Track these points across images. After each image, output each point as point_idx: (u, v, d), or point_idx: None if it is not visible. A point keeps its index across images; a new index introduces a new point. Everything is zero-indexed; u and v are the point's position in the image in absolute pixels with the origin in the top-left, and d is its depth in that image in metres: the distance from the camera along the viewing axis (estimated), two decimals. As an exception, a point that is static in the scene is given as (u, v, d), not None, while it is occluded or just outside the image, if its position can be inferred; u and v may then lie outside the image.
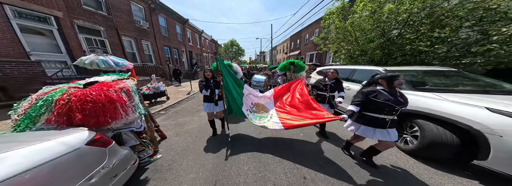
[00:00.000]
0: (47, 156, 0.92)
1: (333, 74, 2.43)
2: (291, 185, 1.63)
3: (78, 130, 1.21)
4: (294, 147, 2.40)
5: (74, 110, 1.28)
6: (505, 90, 2.10)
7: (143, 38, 9.09)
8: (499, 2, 2.77)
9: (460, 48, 3.30)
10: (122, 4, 7.68)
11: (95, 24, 6.24)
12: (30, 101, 1.39)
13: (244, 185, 1.65)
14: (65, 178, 0.97)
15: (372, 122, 1.63)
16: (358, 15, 4.42)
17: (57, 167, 0.94)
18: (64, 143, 1.03)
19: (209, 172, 1.85)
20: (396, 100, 1.50)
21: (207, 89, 2.45)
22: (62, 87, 1.54)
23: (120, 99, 1.51)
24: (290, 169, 1.87)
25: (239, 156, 2.16)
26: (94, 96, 1.36)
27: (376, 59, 4.44)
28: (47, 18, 4.66)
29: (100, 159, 1.21)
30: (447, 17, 3.34)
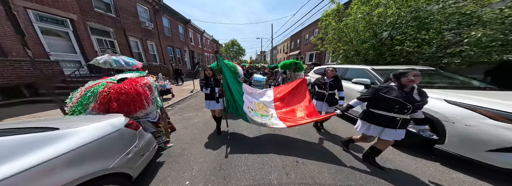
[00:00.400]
0: (102, 132, 1.28)
1: (332, 72, 2.46)
2: (285, 166, 1.96)
3: (118, 115, 1.57)
4: (290, 140, 2.68)
5: (112, 100, 1.64)
6: (473, 86, 2.43)
7: (148, 39, 9.47)
8: (471, 8, 3.09)
9: (442, 49, 3.62)
10: (129, 6, 8.06)
11: (105, 25, 6.63)
12: (80, 92, 1.74)
13: (245, 166, 1.98)
14: (114, 150, 1.32)
15: (381, 121, 1.57)
16: (352, 17, 4.74)
17: (109, 141, 1.30)
18: (111, 124, 1.39)
19: (215, 157, 2.19)
20: (409, 97, 1.42)
21: (207, 87, 2.53)
22: (102, 82, 1.89)
23: (144, 92, 1.86)
24: (285, 155, 2.18)
25: (240, 147, 2.48)
26: (126, 89, 1.72)
27: (369, 59, 4.76)
28: (64, 21, 5.05)
29: (133, 139, 1.56)
30: (430, 21, 3.66)
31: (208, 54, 21.34)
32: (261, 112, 2.56)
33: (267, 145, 2.49)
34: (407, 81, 1.40)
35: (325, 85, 2.53)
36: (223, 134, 2.92)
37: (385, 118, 1.53)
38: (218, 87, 2.57)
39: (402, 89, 1.45)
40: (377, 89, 1.57)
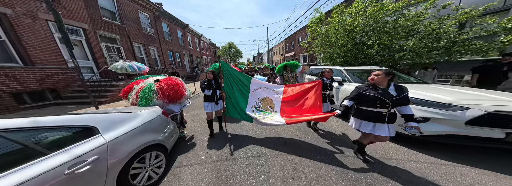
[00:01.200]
0: (152, 115, 1.89)
1: (329, 73, 2.60)
2: (276, 147, 2.56)
3: (156, 107, 2.20)
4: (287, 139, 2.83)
5: (168, 91, 2.35)
6: (410, 81, 3.22)
7: (150, 44, 10.03)
8: (406, 23, 4.11)
9: (394, 54, 4.52)
10: (132, 13, 8.63)
11: (112, 33, 7.19)
12: (136, 92, 2.38)
13: (246, 148, 2.60)
14: (158, 128, 1.93)
15: (369, 116, 1.69)
16: (333, 24, 5.52)
17: (156, 121, 1.91)
18: (154, 111, 2.01)
19: (222, 143, 2.76)
20: (385, 93, 1.56)
21: (209, 89, 2.64)
22: (146, 81, 2.54)
23: (181, 83, 2.63)
24: (280, 143, 2.68)
25: (242, 135, 3.11)
26: (172, 82, 2.43)
27: (348, 60, 5.51)
28: (78, 30, 5.60)
29: (166, 123, 2.17)
30: (384, 31, 4.56)
31: (206, 57, 21.92)
32: (265, 109, 2.61)
33: (266, 139, 2.83)
34: (370, 79, 1.67)
35: (326, 86, 2.62)
36: (223, 133, 3.08)
37: (372, 113, 1.66)
38: (219, 90, 2.69)
39: (375, 87, 1.62)
40: (359, 88, 1.75)
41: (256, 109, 2.63)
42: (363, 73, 3.68)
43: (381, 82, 1.60)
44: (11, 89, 3.76)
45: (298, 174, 1.84)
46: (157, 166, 1.80)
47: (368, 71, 3.78)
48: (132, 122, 1.61)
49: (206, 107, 2.74)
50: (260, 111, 2.60)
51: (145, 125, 1.72)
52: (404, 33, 4.36)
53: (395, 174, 1.77)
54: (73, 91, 4.92)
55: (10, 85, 3.75)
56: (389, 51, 4.63)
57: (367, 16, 4.77)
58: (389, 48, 4.62)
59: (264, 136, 2.92)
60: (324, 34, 5.87)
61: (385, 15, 4.63)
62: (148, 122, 1.78)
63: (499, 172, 1.74)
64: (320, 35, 5.99)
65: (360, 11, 4.85)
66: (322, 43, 6.13)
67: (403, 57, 4.21)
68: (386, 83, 1.60)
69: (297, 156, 2.21)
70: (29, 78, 4.06)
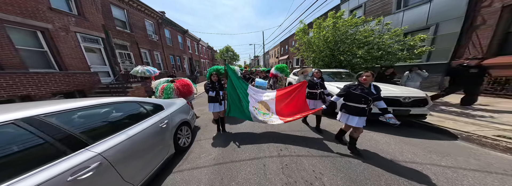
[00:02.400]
0: (182, 103, 2.87)
1: (318, 74, 2.87)
2: (269, 137, 3.56)
3: (181, 98, 3.16)
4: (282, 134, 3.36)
5: (181, 89, 3.27)
6: (342, 78, 4.38)
7: (154, 49, 10.96)
8: (359, 36, 5.47)
9: (353, 59, 5.85)
10: (139, 22, 9.59)
11: (123, 40, 8.11)
12: (159, 90, 3.33)
13: (246, 133, 3.57)
14: (186, 111, 2.89)
15: (355, 111, 1.94)
16: (313, 35, 6.71)
17: (184, 107, 2.87)
18: (182, 100, 2.98)
19: (229, 128, 3.73)
20: (369, 92, 1.86)
21: (213, 90, 2.82)
22: (167, 83, 3.49)
23: (190, 84, 3.54)
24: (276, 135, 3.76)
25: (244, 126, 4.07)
26: (184, 82, 3.37)
27: (326, 64, 6.63)
28: (97, 40, 6.51)
29: (189, 110, 3.13)
30: (348, 43, 5.85)
31: (204, 60, 22.86)
32: (263, 111, 2.92)
33: (263, 130, 3.41)
34: (362, 80, 1.89)
35: (316, 85, 2.89)
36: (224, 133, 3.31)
37: (357, 109, 1.93)
38: (222, 91, 2.91)
39: (362, 86, 1.90)
40: (348, 87, 2.00)
41: (256, 110, 2.89)
42: (331, 74, 4.81)
43: (368, 82, 1.89)
44: (52, 91, 4.63)
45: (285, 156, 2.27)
46: (187, 136, 2.75)
47: (335, 73, 4.96)
48: (175, 106, 2.58)
49: (210, 108, 2.92)
50: (260, 112, 2.87)
51: (180, 108, 2.69)
52: (361, 44, 5.68)
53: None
54: (96, 92, 5.78)
55: (52, 87, 4.62)
56: (352, 58, 5.89)
57: (336, 29, 5.98)
58: (354, 55, 5.79)
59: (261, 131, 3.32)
60: (307, 43, 7.01)
61: (348, 29, 5.89)
62: (181, 107, 2.74)
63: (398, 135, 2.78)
64: (305, 43, 7.13)
65: (330, 25, 6.13)
66: (307, 50, 7.26)
67: (357, 62, 5.80)
68: (369, 83, 1.91)
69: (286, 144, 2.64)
70: (65, 81, 4.93)
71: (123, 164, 1.34)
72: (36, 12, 4.53)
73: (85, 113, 1.41)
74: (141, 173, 1.53)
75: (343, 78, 4.71)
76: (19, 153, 0.95)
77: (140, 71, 5.35)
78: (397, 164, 2.00)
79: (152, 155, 1.75)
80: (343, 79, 4.64)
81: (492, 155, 2.16)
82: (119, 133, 1.47)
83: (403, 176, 1.76)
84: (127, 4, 8.51)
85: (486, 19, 5.06)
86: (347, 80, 4.53)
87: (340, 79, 4.63)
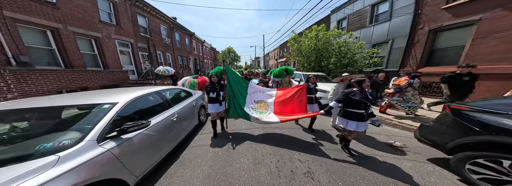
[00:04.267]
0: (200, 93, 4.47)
1: (313, 79, 2.96)
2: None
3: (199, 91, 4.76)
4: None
5: (201, 83, 4.86)
6: (331, 81, 5.89)
7: (167, 51, 12.57)
8: (334, 47, 6.89)
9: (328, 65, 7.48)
10: (156, 27, 11.21)
11: (144, 44, 9.71)
12: (186, 84, 4.92)
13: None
14: (202, 99, 4.47)
15: (355, 117, 2.03)
16: (302, 43, 8.39)
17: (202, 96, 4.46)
18: (200, 91, 4.57)
19: (231, 122, 5.26)
20: (367, 97, 1.99)
21: (214, 92, 2.85)
22: (192, 79, 5.06)
23: (206, 80, 5.09)
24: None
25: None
26: (203, 79, 4.95)
27: (312, 68, 8.24)
28: (127, 44, 8.12)
29: (204, 98, 4.69)
30: (328, 51, 7.48)
31: (207, 61, 24.47)
32: (261, 110, 2.98)
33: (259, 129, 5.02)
34: (366, 86, 2.00)
35: (312, 91, 3.02)
36: (225, 133, 3.39)
37: (357, 114, 2.01)
38: (222, 91, 2.96)
39: (362, 92, 2.01)
40: (347, 93, 2.07)
41: (253, 110, 2.96)
42: (317, 76, 6.42)
43: (366, 88, 1.99)
44: (99, 84, 6.21)
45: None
46: (204, 115, 4.31)
47: (316, 75, 6.52)
48: (197, 94, 4.18)
49: (211, 108, 2.96)
50: (256, 112, 2.93)
51: (200, 96, 4.29)
52: (336, 53, 7.35)
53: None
54: (126, 87, 7.36)
55: (100, 82, 6.21)
56: (327, 64, 7.55)
57: (318, 40, 7.67)
58: (329, 62, 7.45)
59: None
60: (297, 49, 8.69)
61: (328, 39, 7.57)
62: (200, 95, 4.35)
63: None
64: (295, 50, 8.81)
65: (313, 37, 7.85)
66: (297, 55, 8.93)
67: (331, 68, 7.45)
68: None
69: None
70: (107, 78, 6.52)
71: (182, 120, 2.87)
72: (92, 25, 6.15)
73: (165, 92, 2.98)
74: (187, 128, 3.03)
75: (321, 80, 6.26)
76: (157, 105, 2.51)
77: (162, 70, 6.94)
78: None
79: (190, 120, 3.25)
80: (321, 81, 6.16)
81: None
82: (179, 103, 3.04)
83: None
84: (148, 13, 10.15)
85: (420, 39, 6.63)
86: (323, 81, 6.03)
87: (319, 81, 6.19)
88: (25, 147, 1.27)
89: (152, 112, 2.31)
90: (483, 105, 1.78)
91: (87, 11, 5.90)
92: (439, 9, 5.96)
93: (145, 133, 1.82)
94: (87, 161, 1.19)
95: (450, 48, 5.97)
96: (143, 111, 2.20)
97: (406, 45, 7.08)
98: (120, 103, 1.77)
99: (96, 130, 1.39)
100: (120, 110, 1.71)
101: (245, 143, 2.81)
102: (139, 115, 2.08)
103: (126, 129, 1.50)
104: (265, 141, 2.83)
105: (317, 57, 8.01)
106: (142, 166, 1.71)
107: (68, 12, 5.29)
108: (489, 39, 4.86)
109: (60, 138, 1.33)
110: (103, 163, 1.30)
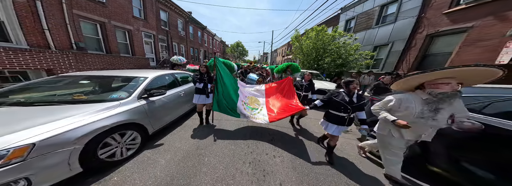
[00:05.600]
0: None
1: (308, 76, 2.88)
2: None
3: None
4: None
5: None
6: (323, 79, 7.01)
7: (181, 43, 13.99)
8: (332, 47, 7.90)
9: (324, 64, 8.44)
10: (174, 21, 12.58)
11: (163, 36, 11.14)
12: None
13: None
14: None
15: (335, 119, 1.95)
16: (303, 42, 9.44)
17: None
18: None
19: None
20: (350, 100, 1.85)
21: (200, 82, 2.84)
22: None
23: None
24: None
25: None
26: None
27: (311, 66, 9.33)
28: (150, 35, 9.55)
29: None
30: (326, 51, 8.44)
31: (217, 53, 25.81)
32: (253, 105, 2.91)
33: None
34: (353, 88, 1.87)
35: (301, 87, 2.95)
36: (210, 125, 3.29)
37: (337, 117, 1.93)
38: (210, 83, 2.90)
39: (348, 94, 1.91)
40: (331, 94, 2.01)
41: (245, 104, 2.89)
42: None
43: (353, 90, 1.89)
44: (128, 68, 7.70)
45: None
46: None
47: (311, 73, 7.64)
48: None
49: (195, 99, 2.94)
50: (248, 107, 2.87)
51: None
52: (333, 53, 8.31)
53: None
54: (148, 72, 8.88)
55: (128, 66, 7.68)
56: (322, 63, 8.60)
57: (317, 39, 8.67)
58: (323, 61, 8.50)
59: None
60: (299, 47, 9.79)
61: (327, 39, 8.49)
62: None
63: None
64: (297, 48, 9.92)
65: (313, 36, 8.84)
66: (299, 53, 10.05)
67: (326, 67, 8.38)
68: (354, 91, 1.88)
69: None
70: (134, 63, 7.98)
71: (187, 96, 3.37)
72: (127, 19, 7.58)
73: (177, 75, 3.92)
74: (189, 103, 3.50)
75: (314, 77, 7.25)
76: (171, 83, 3.56)
77: (175, 59, 8.36)
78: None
79: (190, 101, 3.49)
80: (316, 78, 7.11)
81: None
82: (186, 84, 3.69)
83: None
84: (168, 8, 11.50)
85: (416, 43, 7.05)
86: (318, 79, 6.98)
87: (314, 78, 7.27)
88: (103, 95, 2.34)
89: (168, 86, 3.07)
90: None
91: (124, 8, 7.30)
92: (441, 14, 6.19)
93: (162, 100, 2.63)
94: (131, 108, 2.07)
95: (440, 54, 6.36)
96: (162, 85, 2.99)
97: (403, 49, 7.58)
98: (149, 77, 2.62)
99: (137, 92, 2.29)
100: (149, 82, 2.55)
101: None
102: (159, 87, 2.85)
103: (152, 93, 2.35)
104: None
105: (315, 56, 9.04)
106: (157, 122, 2.50)
107: (112, 10, 6.70)
108: (473, 47, 5.27)
109: (119, 94, 2.26)
110: (138, 112, 2.15)
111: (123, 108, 2.02)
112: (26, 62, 4.21)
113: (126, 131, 2.03)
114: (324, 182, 1.81)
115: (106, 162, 1.85)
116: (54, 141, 1.39)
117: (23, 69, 4.24)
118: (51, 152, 1.38)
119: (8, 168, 1.20)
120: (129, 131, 2.07)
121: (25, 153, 1.26)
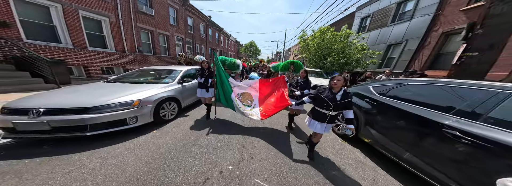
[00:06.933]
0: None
1: (303, 73, 2.96)
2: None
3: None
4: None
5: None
6: (325, 77, 8.47)
7: (202, 44, 16.24)
8: (333, 47, 9.27)
9: (328, 63, 9.71)
10: (197, 25, 14.82)
11: (189, 38, 13.39)
12: None
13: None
14: None
15: (317, 116, 1.96)
16: (309, 41, 10.83)
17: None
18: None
19: None
20: (333, 97, 1.81)
21: (201, 77, 3.14)
22: None
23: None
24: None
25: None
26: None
27: (317, 64, 10.76)
28: (181, 39, 11.79)
29: None
30: (330, 51, 9.77)
31: (231, 53, 28.00)
32: (245, 102, 3.11)
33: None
34: (332, 84, 1.83)
35: (296, 85, 3.04)
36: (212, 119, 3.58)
37: (319, 114, 1.93)
38: (211, 78, 3.15)
39: (331, 90, 1.87)
40: (318, 90, 1.99)
41: (238, 100, 3.11)
42: (311, 72, 9.06)
43: (338, 87, 1.81)
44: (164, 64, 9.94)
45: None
46: None
47: (312, 71, 9.14)
48: None
49: (198, 92, 3.30)
50: (241, 103, 3.08)
51: None
52: (339, 52, 9.42)
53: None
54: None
55: (165, 64, 9.91)
56: (325, 62, 9.88)
57: (323, 40, 9.90)
58: (326, 60, 9.87)
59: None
60: (305, 47, 11.23)
61: (333, 39, 9.65)
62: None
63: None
64: (305, 48, 11.37)
65: (318, 37, 10.03)
66: (306, 52, 11.48)
67: (328, 66, 9.61)
68: (340, 88, 1.83)
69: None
70: (168, 61, 10.22)
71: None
72: (166, 27, 9.85)
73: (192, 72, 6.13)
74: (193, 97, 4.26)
75: (317, 75, 7.49)
76: (194, 74, 4.88)
77: (197, 58, 10.39)
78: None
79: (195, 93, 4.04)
80: (317, 76, 7.57)
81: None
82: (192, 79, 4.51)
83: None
84: (194, 14, 13.73)
85: (431, 41, 6.72)
86: (319, 77, 7.37)
87: (315, 76, 8.37)
88: (160, 79, 3.71)
89: (192, 77, 4.06)
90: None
91: (165, 18, 9.54)
92: (458, 10, 6.02)
93: (189, 86, 3.77)
94: (175, 88, 3.32)
95: (453, 53, 5.90)
96: (189, 76, 4.07)
97: (417, 47, 7.31)
98: (183, 70, 3.91)
99: (177, 78, 3.59)
100: (183, 73, 3.84)
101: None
102: (188, 77, 3.95)
103: (184, 80, 3.67)
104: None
105: (319, 55, 10.30)
106: (186, 100, 3.67)
107: (158, 20, 8.96)
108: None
109: (167, 79, 3.59)
110: (178, 91, 3.37)
111: (171, 87, 3.26)
112: (115, 62, 6.49)
113: (171, 102, 3.21)
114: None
115: (162, 119, 3.00)
116: (147, 100, 2.64)
117: (112, 66, 6.53)
118: (145, 105, 2.59)
119: (132, 110, 2.41)
120: (173, 102, 3.25)
121: (139, 103, 2.51)
